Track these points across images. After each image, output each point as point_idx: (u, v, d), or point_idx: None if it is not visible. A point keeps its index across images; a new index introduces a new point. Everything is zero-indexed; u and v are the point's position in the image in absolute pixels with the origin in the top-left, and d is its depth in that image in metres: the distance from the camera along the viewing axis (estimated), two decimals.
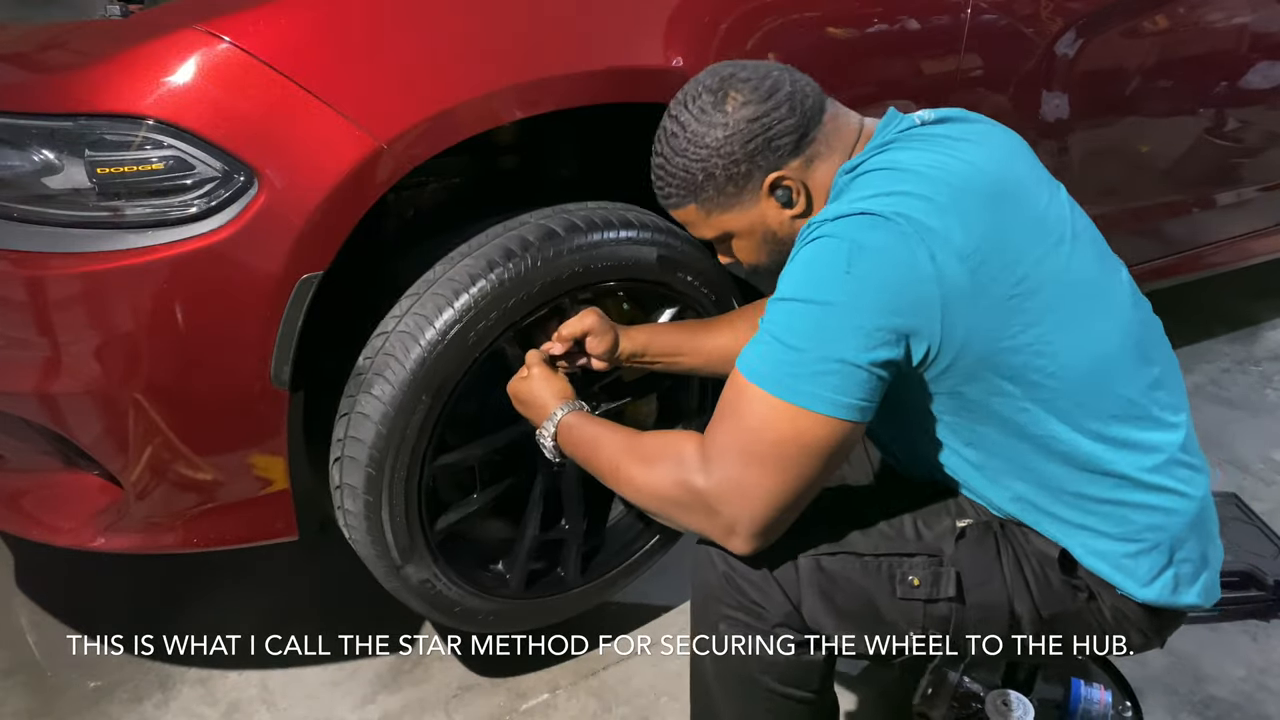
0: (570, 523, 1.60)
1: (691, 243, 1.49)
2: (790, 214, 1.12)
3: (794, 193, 1.11)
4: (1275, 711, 1.61)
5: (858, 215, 0.99)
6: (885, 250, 0.97)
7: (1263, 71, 2.09)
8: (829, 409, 0.98)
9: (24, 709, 1.59)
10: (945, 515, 1.15)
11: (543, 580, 1.61)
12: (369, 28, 1.18)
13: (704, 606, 1.13)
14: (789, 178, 1.10)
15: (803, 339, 0.98)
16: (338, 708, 1.60)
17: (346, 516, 1.39)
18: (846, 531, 1.12)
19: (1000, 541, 1.13)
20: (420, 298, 1.30)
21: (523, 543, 1.54)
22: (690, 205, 1.14)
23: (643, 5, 1.36)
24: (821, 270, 1.00)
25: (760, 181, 1.10)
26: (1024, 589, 1.12)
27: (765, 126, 1.07)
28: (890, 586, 1.11)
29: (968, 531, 1.13)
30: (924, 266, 0.97)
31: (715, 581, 1.11)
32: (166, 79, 1.09)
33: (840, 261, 0.98)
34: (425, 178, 1.53)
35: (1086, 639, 1.16)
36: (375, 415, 1.29)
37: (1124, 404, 1.06)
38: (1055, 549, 1.12)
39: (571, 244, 1.34)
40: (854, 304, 0.97)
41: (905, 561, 1.11)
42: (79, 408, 1.22)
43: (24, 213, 1.13)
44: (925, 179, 1.02)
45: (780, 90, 1.08)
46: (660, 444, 1.11)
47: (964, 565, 1.12)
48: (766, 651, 1.09)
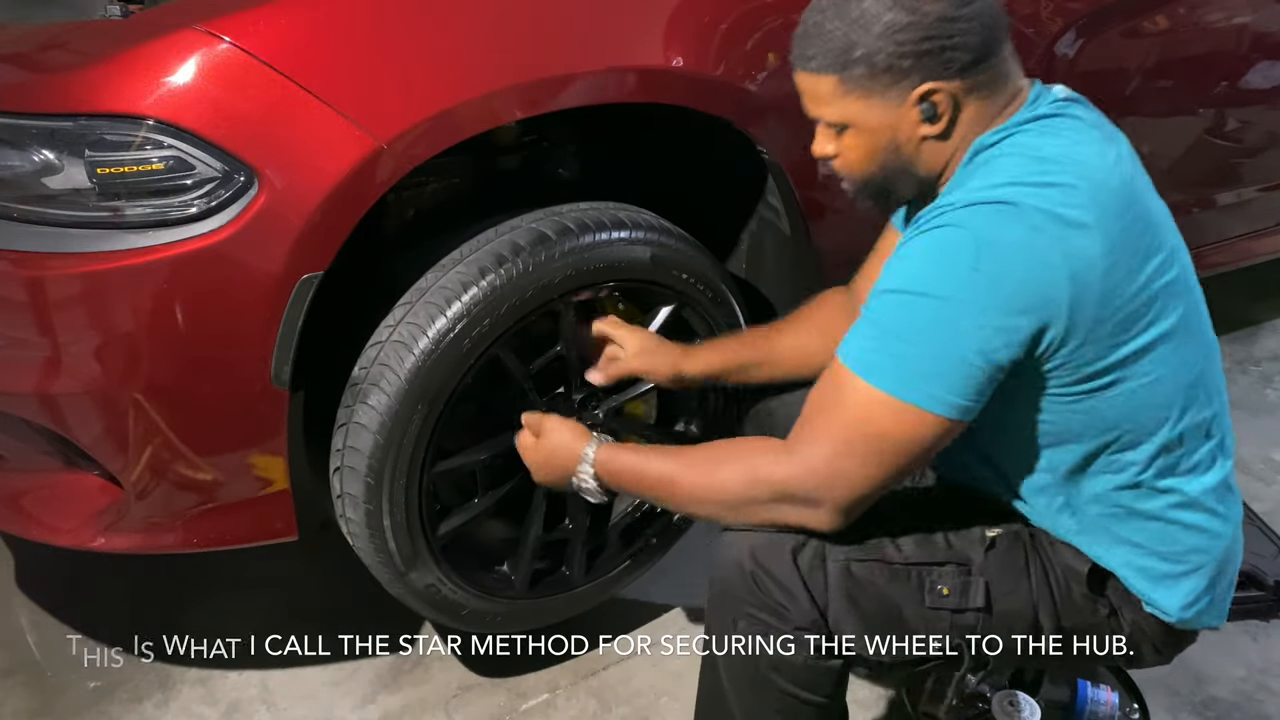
0: (573, 522, 1.60)
1: (685, 240, 1.49)
2: (925, 131, 1.03)
3: (940, 111, 1.02)
4: (1275, 711, 1.61)
5: (992, 205, 0.95)
6: (1017, 248, 0.93)
7: (1263, 71, 2.08)
8: (939, 408, 0.96)
9: (24, 709, 1.58)
10: (974, 523, 1.13)
11: (547, 580, 1.61)
12: (369, 28, 1.18)
13: (723, 603, 1.10)
14: (944, 93, 1.01)
15: (919, 334, 0.95)
16: (338, 708, 1.60)
17: (349, 525, 1.39)
18: (877, 537, 1.10)
19: (1028, 552, 1.12)
20: (413, 306, 1.30)
21: (527, 543, 1.54)
22: (830, 77, 1.03)
23: (645, 5, 1.36)
24: (946, 264, 0.95)
25: (915, 85, 1.00)
26: (1048, 600, 1.11)
27: (949, 33, 0.98)
28: (919, 595, 1.09)
29: (997, 541, 1.11)
30: (1057, 267, 0.93)
31: (739, 580, 1.08)
32: (166, 79, 1.09)
33: (966, 257, 0.94)
34: (425, 178, 1.53)
35: (1099, 651, 1.15)
36: (372, 425, 1.29)
37: (1203, 423, 1.06)
38: (1085, 564, 1.11)
39: (564, 247, 1.34)
40: (979, 302, 0.93)
41: (935, 570, 1.09)
42: (79, 408, 1.22)
43: (24, 213, 1.14)
44: (1067, 170, 0.96)
45: (978, 1, 0.99)
46: (722, 450, 1.11)
47: (992, 575, 1.10)
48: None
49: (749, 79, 1.40)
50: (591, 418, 1.57)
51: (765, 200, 1.61)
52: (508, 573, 1.56)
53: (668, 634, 1.74)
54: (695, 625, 1.77)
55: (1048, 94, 1.06)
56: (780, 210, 1.58)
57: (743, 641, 1.08)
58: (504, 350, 1.37)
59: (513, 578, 1.55)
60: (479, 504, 1.49)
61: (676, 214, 1.52)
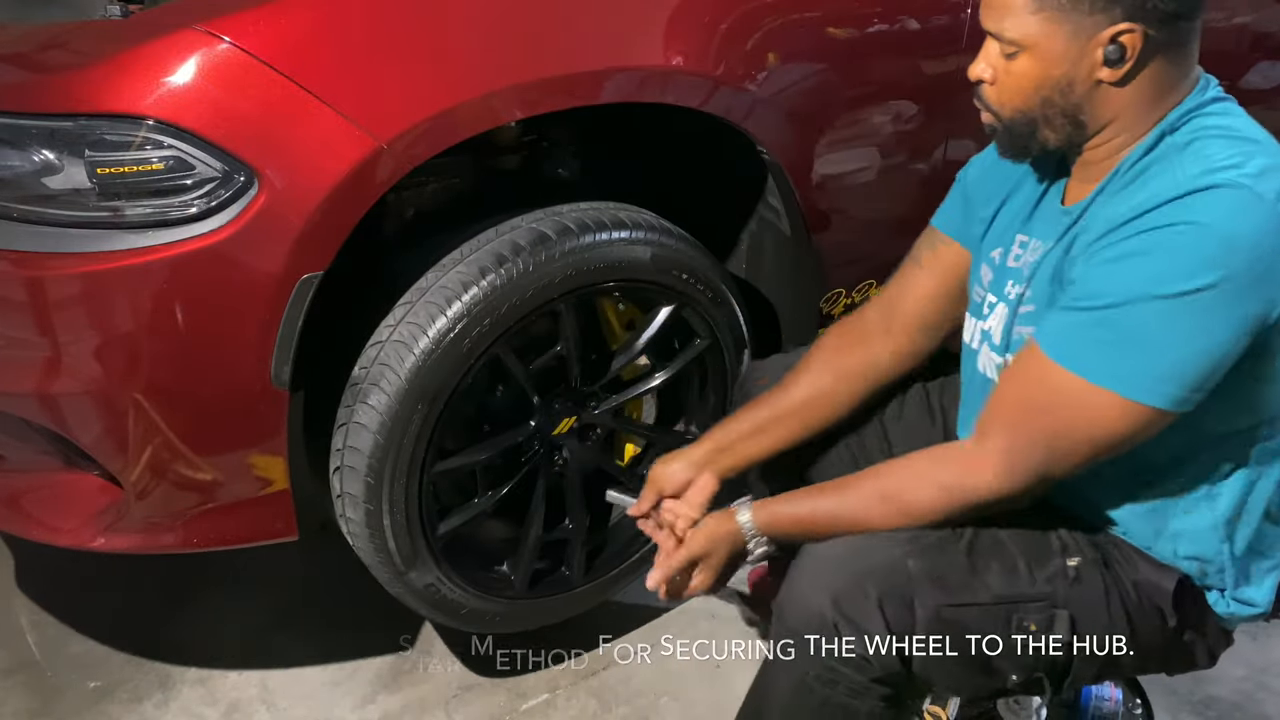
0: (573, 522, 1.60)
1: (686, 240, 1.49)
2: (1103, 75, 0.97)
3: (1127, 57, 0.95)
4: (1275, 711, 1.61)
5: (1220, 189, 0.90)
6: (1261, 236, 0.90)
7: (1263, 71, 2.08)
8: (1169, 404, 0.94)
9: (24, 709, 1.58)
10: (1053, 552, 1.08)
11: (547, 580, 1.61)
12: (369, 28, 1.18)
13: (798, 651, 1.04)
14: (1138, 36, 0.94)
15: (1167, 339, 0.92)
16: (338, 708, 1.60)
17: (349, 524, 1.39)
18: (964, 578, 1.05)
19: (1106, 579, 1.08)
20: (413, 306, 1.30)
21: (526, 543, 1.54)
22: None
23: (645, 5, 1.36)
24: (1174, 262, 0.91)
25: (1111, 21, 0.94)
26: (1125, 625, 1.08)
27: None
28: (1006, 632, 1.05)
29: (1081, 573, 1.07)
30: None
31: (820, 630, 1.02)
32: (166, 79, 1.09)
33: (1212, 251, 0.90)
34: (425, 178, 1.53)
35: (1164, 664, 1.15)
36: (372, 425, 1.29)
37: None
38: (1173, 578, 1.07)
39: (564, 247, 1.34)
40: (1231, 298, 0.90)
41: (1022, 607, 1.05)
42: (79, 408, 1.22)
43: (24, 213, 1.13)
44: (1274, 147, 0.94)
45: None
46: (901, 474, 1.08)
47: (1076, 607, 1.06)
48: (856, 702, 1.03)
49: (749, 79, 1.40)
50: (591, 418, 1.58)
51: (765, 200, 1.61)
52: (507, 573, 1.56)
53: (668, 634, 1.74)
54: (695, 626, 1.77)
55: (1211, 81, 1.02)
56: (780, 210, 1.58)
57: (812, 689, 1.04)
58: (504, 350, 1.37)
59: (512, 578, 1.55)
60: (479, 503, 1.49)
61: (676, 214, 1.52)
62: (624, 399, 1.59)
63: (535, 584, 1.59)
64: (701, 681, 1.65)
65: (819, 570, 1.05)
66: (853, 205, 1.63)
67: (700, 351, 1.59)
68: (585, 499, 1.59)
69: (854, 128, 1.56)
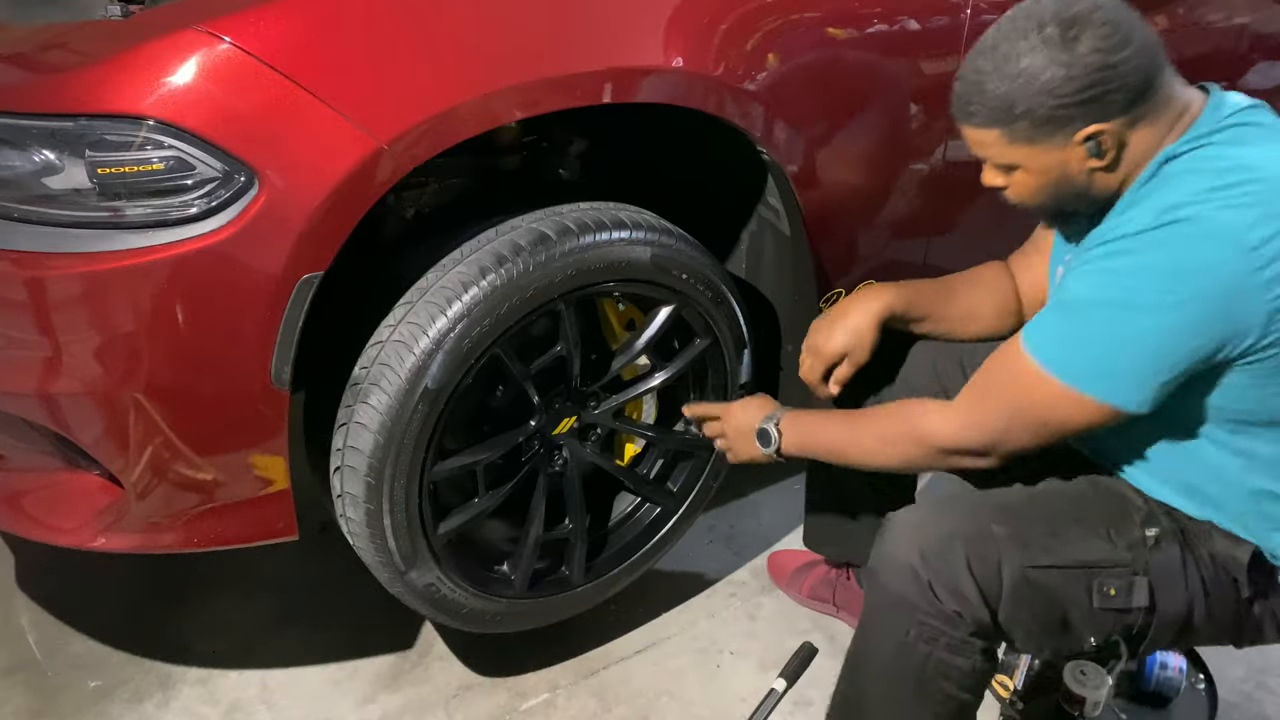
0: (573, 522, 1.60)
1: (686, 240, 1.49)
2: (1093, 165, 1.07)
3: (1106, 148, 1.06)
4: (1275, 712, 1.62)
5: (1178, 224, 0.99)
6: (1208, 270, 0.97)
7: (1263, 71, 2.08)
8: (1122, 402, 1.04)
9: (24, 709, 1.59)
10: (1133, 522, 1.15)
11: (547, 580, 1.61)
12: (369, 28, 1.18)
13: (894, 610, 1.12)
14: (1109, 132, 1.05)
15: (1113, 343, 1.03)
16: (338, 708, 1.60)
17: (349, 524, 1.39)
18: (1048, 541, 1.12)
19: (1183, 549, 1.14)
20: (414, 306, 1.30)
21: (527, 543, 1.54)
22: (993, 130, 1.09)
23: (645, 5, 1.36)
24: (1140, 283, 1.01)
25: (1078, 129, 1.05)
26: (1201, 593, 1.14)
27: (1107, 79, 1.02)
28: (1087, 596, 1.12)
29: (1160, 540, 1.14)
30: (1247, 286, 0.97)
31: (913, 587, 1.10)
32: (167, 79, 1.09)
33: (1160, 279, 0.99)
34: (425, 178, 1.53)
35: (1238, 634, 1.19)
36: (373, 425, 1.29)
37: None
38: (1247, 551, 1.13)
39: (564, 247, 1.34)
40: (1174, 322, 0.99)
41: (1102, 572, 1.12)
42: (80, 408, 1.22)
43: (24, 213, 1.13)
44: (1255, 178, 0.99)
45: (1133, 43, 1.02)
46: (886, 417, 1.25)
47: (1155, 574, 1.13)
48: (955, 659, 1.10)
49: (749, 79, 1.40)
50: (591, 417, 1.58)
51: (765, 200, 1.61)
52: (507, 572, 1.56)
53: (668, 634, 1.75)
54: (695, 626, 1.77)
55: (1226, 101, 1.09)
56: (780, 210, 1.59)
57: (915, 648, 1.11)
58: (504, 349, 1.37)
59: (512, 578, 1.55)
60: (479, 504, 1.49)
61: (677, 214, 1.52)
62: (624, 399, 1.59)
63: (535, 584, 1.59)
64: (701, 681, 1.66)
65: (905, 532, 1.14)
66: (853, 205, 1.63)
67: (700, 351, 1.59)
68: (585, 499, 1.59)
69: (854, 128, 1.56)
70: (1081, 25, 1.01)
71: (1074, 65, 1.01)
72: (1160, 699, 1.52)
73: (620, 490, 1.73)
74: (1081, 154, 1.06)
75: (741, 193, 1.64)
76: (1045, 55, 1.02)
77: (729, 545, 1.97)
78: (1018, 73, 1.03)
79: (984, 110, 1.08)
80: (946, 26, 1.58)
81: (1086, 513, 1.16)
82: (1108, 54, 1.01)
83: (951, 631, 1.10)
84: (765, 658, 1.70)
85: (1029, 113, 1.04)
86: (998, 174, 1.14)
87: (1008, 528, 1.11)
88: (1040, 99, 1.03)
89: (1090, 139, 1.05)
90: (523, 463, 1.54)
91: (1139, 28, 1.04)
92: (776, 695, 1.41)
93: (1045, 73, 1.02)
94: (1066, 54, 1.01)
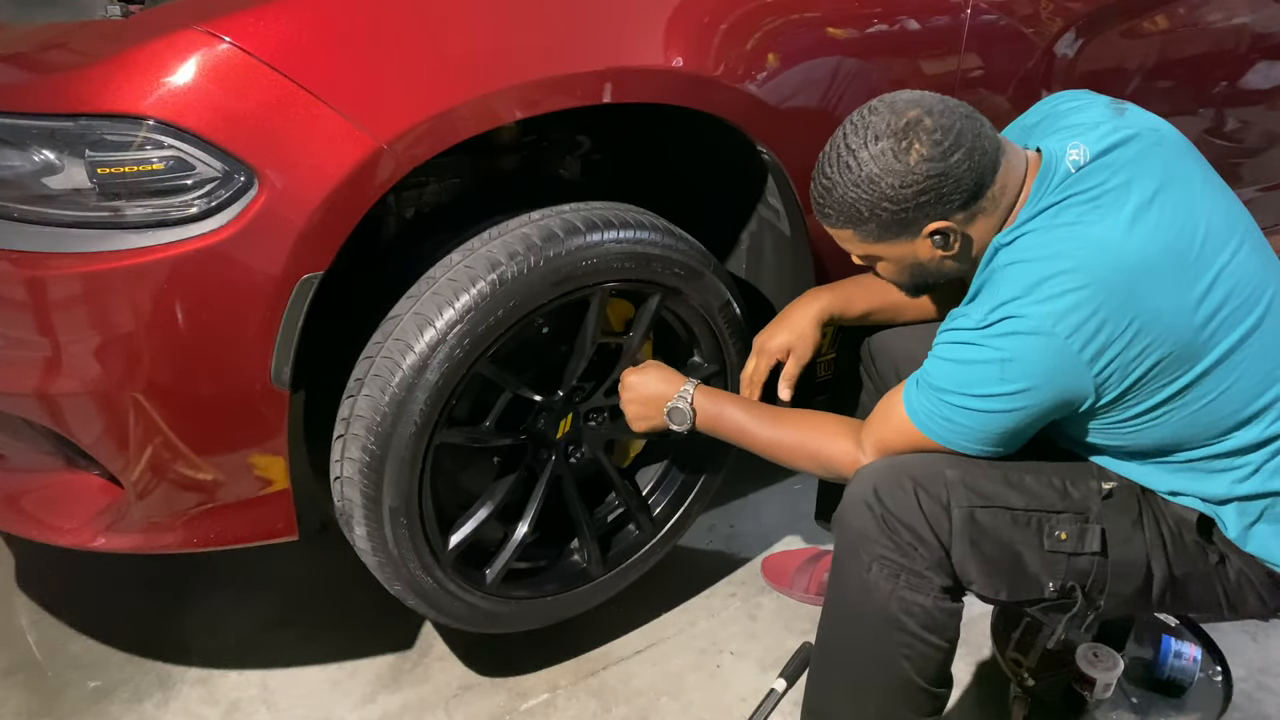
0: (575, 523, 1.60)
1: (686, 240, 1.49)
2: (942, 254, 1.19)
3: (951, 240, 1.17)
4: (1275, 712, 1.62)
5: (1005, 322, 1.09)
6: (1036, 361, 1.08)
7: (1263, 71, 2.08)
8: (978, 452, 1.18)
9: (24, 709, 1.59)
10: (1089, 477, 1.22)
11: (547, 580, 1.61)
12: (369, 28, 1.18)
13: (855, 547, 1.18)
14: (951, 228, 1.16)
15: (961, 421, 1.15)
16: (338, 708, 1.60)
17: (350, 525, 1.39)
18: (999, 488, 1.18)
19: (1141, 503, 1.21)
20: (420, 299, 1.30)
21: (521, 545, 1.54)
22: (847, 230, 1.20)
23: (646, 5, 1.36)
24: (976, 376, 1.12)
25: (922, 227, 1.16)
26: (1160, 549, 1.19)
27: (940, 183, 1.12)
28: (1038, 540, 1.18)
29: (1114, 492, 1.20)
30: (1075, 369, 1.08)
31: (869, 524, 1.16)
32: (167, 79, 1.09)
33: (993, 371, 1.10)
34: (425, 178, 1.53)
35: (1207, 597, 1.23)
36: (376, 416, 1.29)
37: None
38: (1193, 514, 1.19)
39: (566, 246, 1.34)
40: (1010, 406, 1.12)
41: (1054, 517, 1.18)
42: (79, 408, 1.22)
43: (24, 213, 1.13)
44: (1075, 264, 1.07)
45: (962, 146, 1.11)
46: (800, 426, 1.32)
47: (1109, 523, 1.19)
48: (915, 594, 1.15)
49: (749, 79, 1.40)
50: (592, 417, 1.58)
51: (765, 200, 1.61)
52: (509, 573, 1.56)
53: (667, 634, 1.75)
54: (695, 626, 1.77)
55: (1057, 169, 1.14)
56: (780, 210, 1.59)
57: (875, 583, 1.16)
58: (505, 349, 1.37)
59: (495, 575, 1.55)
60: (479, 503, 1.48)
61: (676, 214, 1.52)
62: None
63: (535, 584, 1.59)
64: (701, 681, 1.66)
65: (866, 474, 1.21)
66: None
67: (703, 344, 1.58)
68: (585, 501, 1.59)
69: None
70: (911, 135, 1.11)
71: (909, 174, 1.11)
72: (1175, 688, 1.55)
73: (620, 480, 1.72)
74: (929, 245, 1.18)
75: (741, 192, 1.64)
76: (881, 165, 1.12)
77: (729, 545, 1.97)
78: (861, 179, 1.14)
79: (836, 214, 1.19)
80: (946, 26, 1.58)
81: (1043, 467, 1.21)
82: (939, 161, 1.11)
83: (910, 565, 1.15)
84: (765, 658, 1.70)
85: (875, 217, 1.16)
86: (865, 263, 1.28)
87: (959, 472, 1.18)
88: (883, 205, 1.14)
89: (935, 234, 1.16)
90: (523, 462, 1.54)
91: (970, 127, 1.12)
92: (776, 695, 1.41)
93: (883, 181, 1.13)
94: (899, 163, 1.11)
